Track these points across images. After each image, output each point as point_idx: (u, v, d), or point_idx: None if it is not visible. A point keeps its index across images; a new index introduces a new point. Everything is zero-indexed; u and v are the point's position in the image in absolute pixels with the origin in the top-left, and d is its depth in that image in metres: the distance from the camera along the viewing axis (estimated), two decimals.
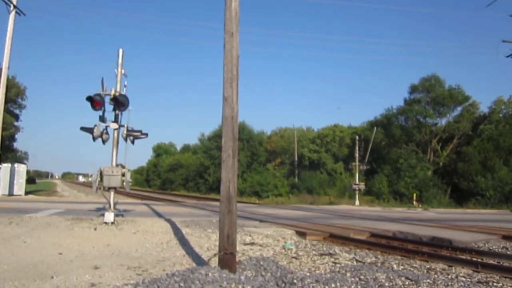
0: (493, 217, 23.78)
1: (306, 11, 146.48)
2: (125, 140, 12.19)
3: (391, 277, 6.17)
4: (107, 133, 11.93)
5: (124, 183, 11.79)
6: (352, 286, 5.31)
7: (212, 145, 59.30)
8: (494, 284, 6.47)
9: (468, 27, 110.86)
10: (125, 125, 12.13)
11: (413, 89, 49.61)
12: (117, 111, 11.97)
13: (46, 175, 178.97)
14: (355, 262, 7.96)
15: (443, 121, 48.91)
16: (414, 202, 38.53)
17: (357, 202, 37.05)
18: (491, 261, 8.29)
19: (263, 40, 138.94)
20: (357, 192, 38.05)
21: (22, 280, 5.51)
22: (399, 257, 8.63)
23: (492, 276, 6.96)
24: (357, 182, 38.78)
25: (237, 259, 6.02)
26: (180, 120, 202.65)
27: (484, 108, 48.97)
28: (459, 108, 48.19)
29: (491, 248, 10.37)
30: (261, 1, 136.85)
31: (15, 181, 27.35)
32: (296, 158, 57.35)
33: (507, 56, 25.63)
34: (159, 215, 15.75)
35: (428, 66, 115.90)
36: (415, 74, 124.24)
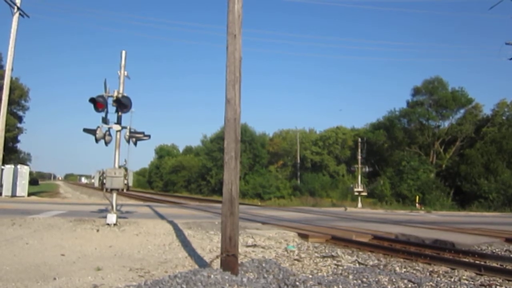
0: (496, 219, 23.69)
1: (308, 12, 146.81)
2: (128, 141, 12.19)
3: (394, 280, 6.15)
4: (109, 134, 11.94)
5: (127, 177, 11.78)
6: None
7: (214, 147, 59.38)
8: (497, 287, 6.44)
9: (471, 29, 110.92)
10: (128, 127, 12.15)
11: (416, 91, 49.67)
12: (119, 113, 11.99)
13: (48, 176, 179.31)
14: (357, 265, 7.94)
15: (446, 124, 48.99)
16: (417, 205, 38.48)
17: (359, 205, 37.01)
18: (494, 264, 8.25)
19: (266, 42, 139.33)
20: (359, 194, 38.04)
21: (24, 281, 5.52)
22: (401, 260, 8.61)
23: (495, 279, 6.93)
24: (359, 184, 38.73)
25: (239, 261, 6.01)
26: (182, 121, 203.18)
27: (487, 110, 49.06)
28: (462, 111, 48.27)
29: (494, 251, 10.33)
30: (264, 2, 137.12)
31: (18, 183, 27.41)
32: (298, 160, 57.39)
33: (510, 59, 25.61)
34: (161, 216, 15.76)
35: (431, 68, 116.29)
36: (418, 76, 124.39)
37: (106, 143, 11.95)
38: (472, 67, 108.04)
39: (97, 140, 11.72)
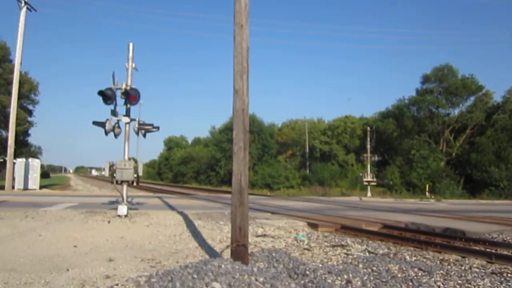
0: (507, 208, 23.51)
1: (316, 2, 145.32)
2: (137, 133, 12.26)
3: (404, 268, 6.15)
4: (119, 127, 12.02)
5: (137, 170, 11.87)
6: (365, 277, 5.31)
7: (223, 137, 59.43)
8: (508, 275, 6.41)
9: (481, 16, 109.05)
10: (137, 119, 12.20)
11: (426, 79, 49.02)
12: (128, 105, 12.05)
13: (59, 169, 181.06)
14: (367, 254, 7.95)
15: (455, 111, 48.29)
16: (427, 193, 38.26)
17: (369, 194, 36.91)
18: (505, 252, 8.22)
19: (274, 32, 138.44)
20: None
21: (38, 272, 5.61)
22: (411, 248, 8.60)
23: (507, 267, 6.90)
24: (368, 173, 38.57)
25: (249, 251, 6.05)
26: (191, 113, 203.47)
27: (497, 97, 48.18)
28: (472, 98, 47.49)
29: (505, 239, 10.26)
30: None
31: (29, 176, 27.78)
32: (307, 150, 57.28)
33: None
34: (171, 207, 15.88)
35: (440, 56, 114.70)
36: (427, 64, 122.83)
37: (116, 136, 12.03)
38: (482, 54, 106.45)
39: (106, 133, 11.80)
